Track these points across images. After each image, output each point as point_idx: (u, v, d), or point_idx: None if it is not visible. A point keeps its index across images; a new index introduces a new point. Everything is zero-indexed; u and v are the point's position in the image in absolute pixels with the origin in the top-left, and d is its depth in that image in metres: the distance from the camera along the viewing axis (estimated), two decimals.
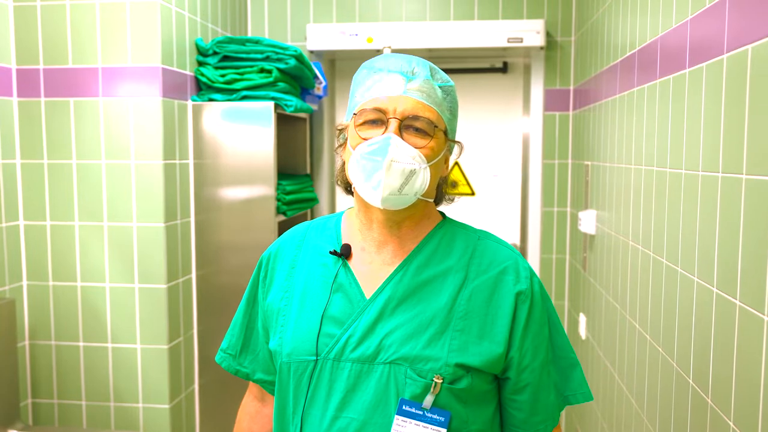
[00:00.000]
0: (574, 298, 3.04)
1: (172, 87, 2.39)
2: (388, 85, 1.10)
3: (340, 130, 1.19)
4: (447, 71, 3.58)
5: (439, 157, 1.12)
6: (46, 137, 2.34)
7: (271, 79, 2.53)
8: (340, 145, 1.19)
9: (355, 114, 1.12)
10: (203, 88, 2.60)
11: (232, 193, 2.57)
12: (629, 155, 1.99)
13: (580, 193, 2.88)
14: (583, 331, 2.75)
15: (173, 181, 2.41)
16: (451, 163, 1.19)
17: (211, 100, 2.56)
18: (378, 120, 1.09)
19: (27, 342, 2.41)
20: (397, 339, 1.08)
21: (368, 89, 1.12)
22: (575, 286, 2.99)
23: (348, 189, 1.19)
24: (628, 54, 2.03)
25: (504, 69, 3.34)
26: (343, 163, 1.17)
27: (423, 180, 1.08)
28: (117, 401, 2.41)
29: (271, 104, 2.52)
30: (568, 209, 3.18)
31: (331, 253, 1.17)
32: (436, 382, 1.06)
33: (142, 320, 2.36)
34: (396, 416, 1.05)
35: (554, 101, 3.15)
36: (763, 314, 1.10)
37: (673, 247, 1.57)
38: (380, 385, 1.07)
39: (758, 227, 1.12)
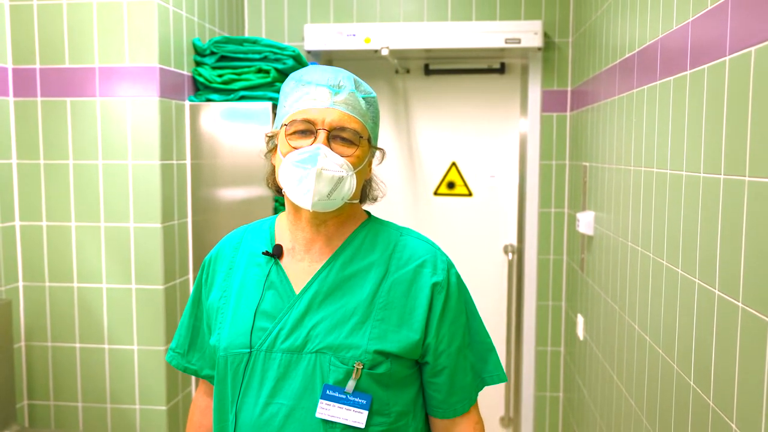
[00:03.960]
0: (571, 299, 3.04)
1: (169, 87, 2.37)
2: (316, 98, 1.18)
3: (270, 136, 1.26)
4: (444, 72, 3.58)
5: (364, 163, 1.22)
6: (42, 137, 2.33)
7: (268, 80, 2.52)
8: (270, 151, 1.27)
9: (285, 124, 1.19)
10: (201, 89, 2.59)
11: (230, 193, 2.56)
12: (628, 156, 1.99)
13: (577, 194, 2.89)
14: (581, 332, 2.75)
15: (170, 181, 2.39)
16: (374, 163, 1.30)
17: (208, 100, 2.55)
18: (307, 130, 1.17)
19: (23, 343, 2.40)
20: (322, 330, 1.17)
21: (297, 100, 1.19)
22: (573, 288, 3.00)
23: (279, 191, 1.27)
24: (627, 55, 2.03)
25: (501, 70, 3.34)
26: (273, 168, 1.26)
27: (350, 185, 1.18)
28: (113, 403, 2.40)
29: (268, 104, 2.51)
30: (566, 210, 3.18)
31: (263, 253, 1.25)
32: (357, 368, 1.15)
33: (139, 321, 2.35)
34: (320, 400, 1.15)
35: (552, 102, 3.16)
36: (767, 317, 1.10)
37: (673, 249, 1.57)
38: (307, 373, 1.16)
39: (761, 229, 1.12)
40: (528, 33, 2.97)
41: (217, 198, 2.56)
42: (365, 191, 1.30)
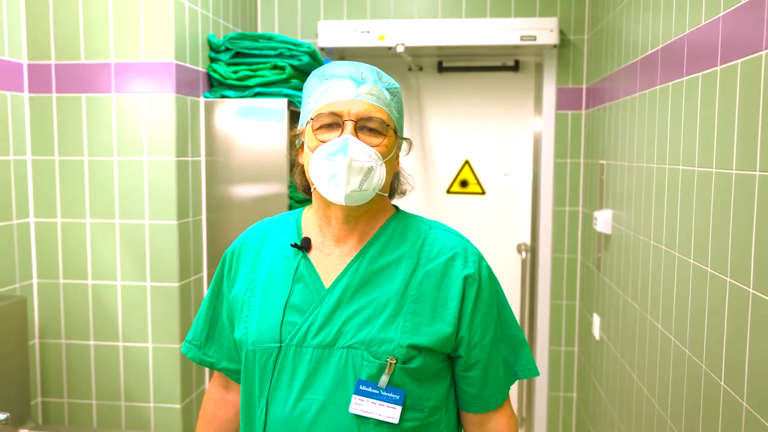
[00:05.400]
0: (586, 298, 3.02)
1: (184, 83, 2.36)
2: (340, 90, 1.18)
3: (296, 135, 1.26)
4: (458, 69, 3.56)
5: (392, 153, 1.21)
6: (57, 133, 2.31)
7: (284, 76, 2.51)
8: (297, 150, 1.26)
9: (311, 119, 1.19)
10: (215, 85, 2.57)
11: (244, 190, 2.54)
12: (651, 154, 1.96)
13: (593, 193, 2.86)
14: (596, 332, 2.73)
15: (185, 178, 2.38)
16: (402, 153, 1.28)
17: (223, 96, 2.53)
18: (334, 123, 1.17)
19: (37, 340, 2.39)
20: (355, 325, 1.16)
21: (322, 95, 1.20)
22: (588, 286, 2.97)
23: (307, 190, 1.27)
24: (649, 52, 2.00)
25: (515, 67, 3.32)
26: (301, 167, 1.26)
27: (380, 176, 1.17)
28: (128, 401, 2.38)
29: (284, 101, 2.49)
30: (580, 208, 3.16)
31: (292, 245, 1.24)
32: (390, 363, 1.14)
33: (153, 319, 2.34)
34: (354, 395, 1.14)
35: (566, 100, 3.13)
36: None
37: (702, 247, 1.55)
38: (339, 368, 1.15)
39: None
40: (543, 30, 2.95)
41: (232, 195, 2.54)
42: (393, 185, 1.30)
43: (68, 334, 2.38)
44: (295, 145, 1.27)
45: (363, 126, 1.17)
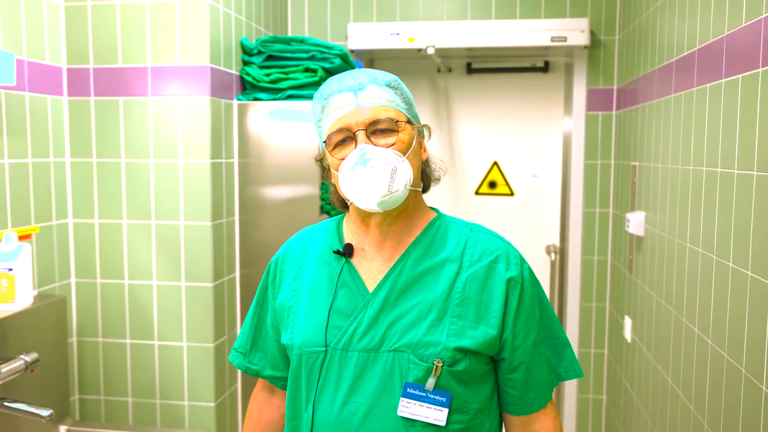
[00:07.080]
0: (617, 301, 3.00)
1: (219, 86, 2.39)
2: (342, 105, 1.20)
3: (319, 160, 1.28)
4: (487, 71, 3.54)
5: (413, 146, 1.21)
6: (95, 136, 2.36)
7: (316, 79, 2.53)
8: (326, 173, 1.28)
9: (325, 141, 1.22)
10: (248, 88, 2.60)
11: (276, 192, 2.57)
12: (687, 156, 1.95)
13: (624, 194, 2.84)
14: (628, 334, 2.71)
15: (219, 180, 2.41)
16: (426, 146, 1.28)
17: (256, 99, 2.56)
18: (346, 138, 1.19)
19: (75, 338, 2.44)
20: (400, 328, 1.18)
21: (327, 116, 1.22)
22: (619, 289, 2.95)
23: (345, 206, 1.29)
24: (686, 53, 1.99)
25: (545, 68, 3.31)
26: (334, 186, 1.27)
27: (406, 172, 1.17)
28: (163, 399, 2.42)
29: None
30: (611, 210, 3.14)
31: (335, 252, 1.26)
32: (436, 366, 1.15)
33: (188, 318, 2.37)
34: (401, 398, 1.15)
35: (597, 101, 3.11)
36: None
37: (742, 250, 1.54)
38: (385, 372, 1.17)
39: None
40: (574, 31, 2.94)
41: (264, 197, 2.57)
42: (426, 174, 1.29)
43: (105, 333, 2.43)
44: (324, 168, 1.29)
45: (374, 130, 1.18)
